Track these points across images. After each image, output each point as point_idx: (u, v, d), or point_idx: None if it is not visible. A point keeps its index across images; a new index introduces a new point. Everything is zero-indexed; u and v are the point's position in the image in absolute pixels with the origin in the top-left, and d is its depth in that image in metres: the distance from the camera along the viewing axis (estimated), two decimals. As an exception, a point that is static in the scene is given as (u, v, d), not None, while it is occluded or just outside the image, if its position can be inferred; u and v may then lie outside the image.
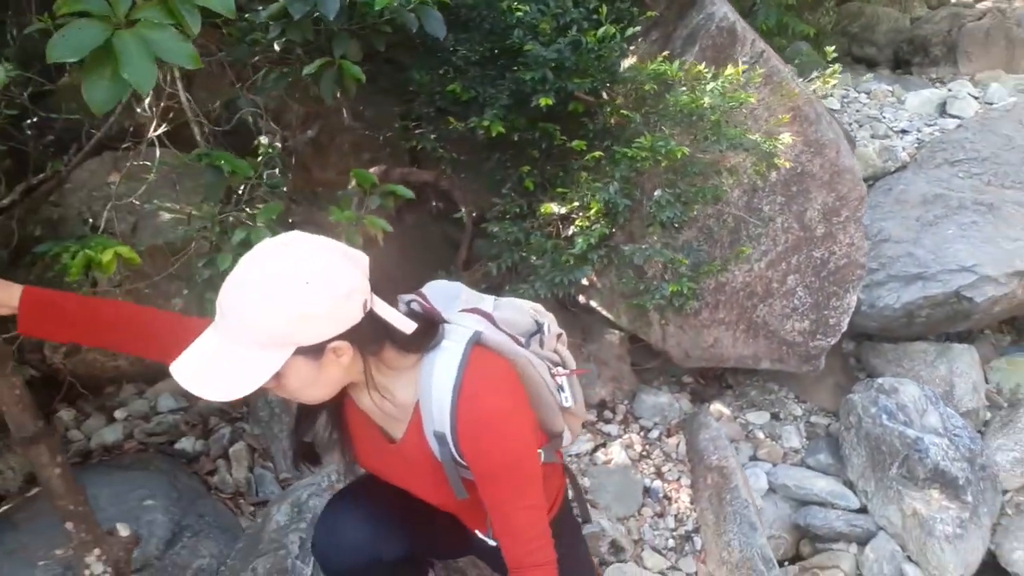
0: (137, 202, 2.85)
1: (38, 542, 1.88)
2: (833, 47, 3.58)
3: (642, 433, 3.30)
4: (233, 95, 3.23)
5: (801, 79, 5.43)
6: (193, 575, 1.88)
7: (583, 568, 1.64)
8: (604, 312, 3.37)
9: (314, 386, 1.14)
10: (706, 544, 2.86)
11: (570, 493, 1.64)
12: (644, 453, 3.20)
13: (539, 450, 1.32)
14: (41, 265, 2.68)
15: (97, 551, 1.49)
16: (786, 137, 2.50)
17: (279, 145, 2.63)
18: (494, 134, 2.53)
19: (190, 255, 2.39)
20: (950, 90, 5.04)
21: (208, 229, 2.10)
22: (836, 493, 3.14)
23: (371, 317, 1.12)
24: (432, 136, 2.72)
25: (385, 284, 1.19)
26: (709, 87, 2.26)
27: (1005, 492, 3.10)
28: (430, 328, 1.24)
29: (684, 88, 2.34)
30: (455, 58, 2.76)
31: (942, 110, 4.74)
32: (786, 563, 3.02)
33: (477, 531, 1.48)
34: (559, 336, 1.52)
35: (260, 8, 2.14)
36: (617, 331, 3.53)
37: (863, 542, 3.01)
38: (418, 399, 1.23)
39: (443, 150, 2.73)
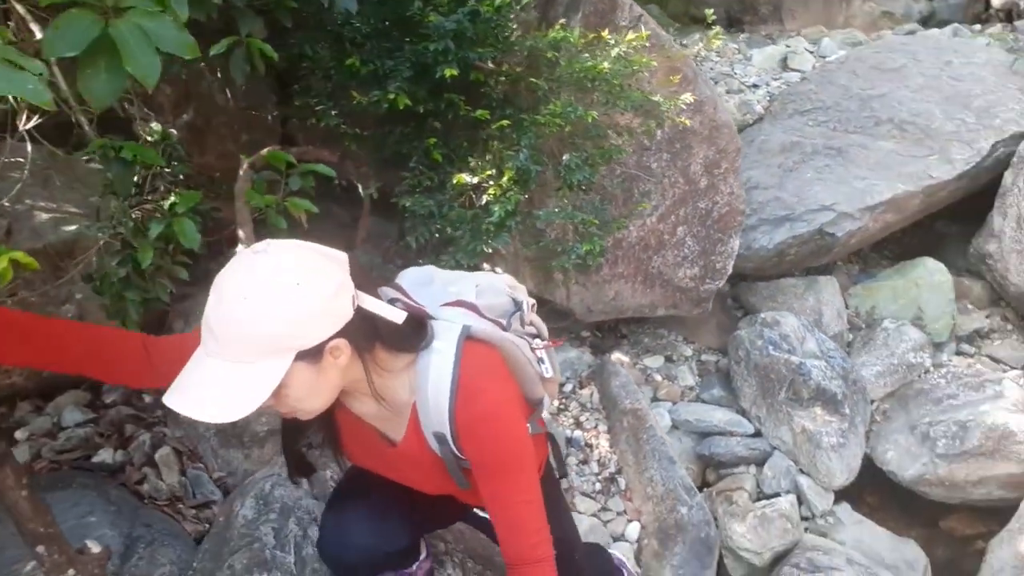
0: (8, 203, 2.61)
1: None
2: (712, 13, 3.80)
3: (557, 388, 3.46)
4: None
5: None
6: (157, 584, 1.81)
7: (568, 524, 1.71)
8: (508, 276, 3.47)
9: (315, 394, 1.13)
10: (630, 483, 3.06)
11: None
12: (562, 406, 3.35)
13: (527, 423, 1.34)
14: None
15: (71, 571, 1.41)
16: (687, 96, 2.67)
17: (173, 132, 2.49)
18: (401, 107, 2.52)
19: (90, 256, 2.23)
20: (788, 46, 5.49)
21: (122, 225, 1.97)
22: (733, 422, 3.44)
23: (360, 313, 1.12)
24: (333, 112, 2.66)
25: None
26: (614, 52, 2.37)
27: (873, 402, 3.52)
28: (419, 327, 1.23)
29: (586, 55, 2.43)
30: (346, 31, 2.71)
31: (784, 65, 5.17)
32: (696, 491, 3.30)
33: (476, 509, 1.52)
34: (532, 306, 1.54)
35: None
36: (521, 294, 3.64)
37: (761, 463, 3.33)
38: (415, 400, 1.24)
39: (345, 127, 2.68)
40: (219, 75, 3.06)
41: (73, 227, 2.67)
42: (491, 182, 2.60)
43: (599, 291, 3.43)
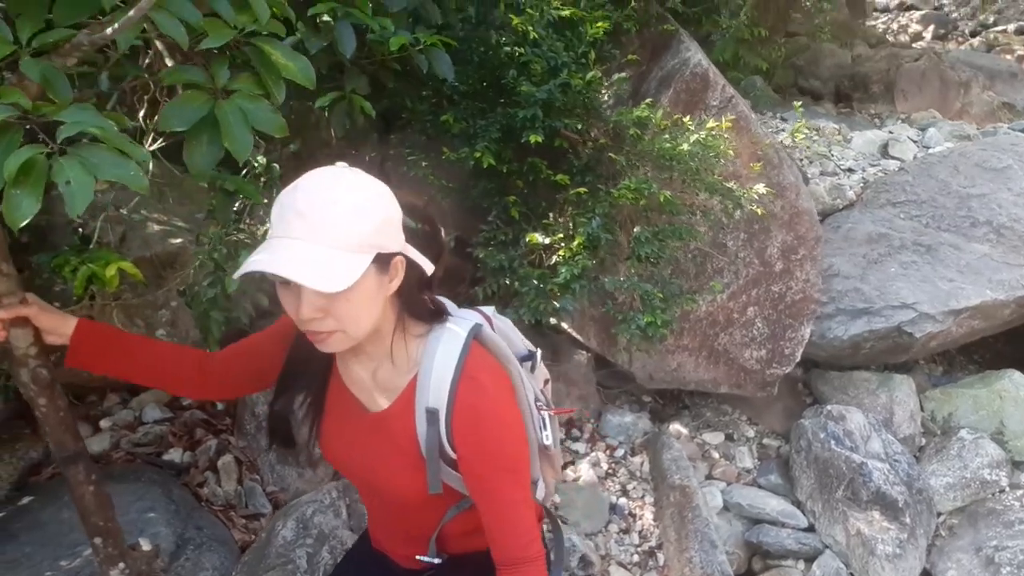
0: (125, 212, 2.88)
1: (41, 553, 1.92)
2: (799, 104, 3.82)
3: (608, 451, 3.47)
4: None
5: (756, 114, 5.75)
6: (197, 587, 1.95)
7: None
8: (574, 334, 3.53)
9: (366, 311, 1.11)
10: (668, 560, 3.03)
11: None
12: (610, 471, 3.36)
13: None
14: (28, 273, 2.68)
15: (121, 565, 1.56)
16: (760, 187, 2.70)
17: (276, 168, 2.70)
18: (485, 165, 2.66)
19: (188, 272, 2.45)
20: (891, 132, 5.38)
21: (216, 250, 2.16)
22: (786, 512, 3.35)
23: (404, 256, 1.14)
24: (423, 164, 2.83)
25: None
26: (692, 138, 2.44)
27: (939, 515, 3.36)
28: (437, 307, 1.24)
29: (667, 136, 2.51)
30: (446, 88, 2.88)
31: (884, 151, 5.07)
32: (739, 578, 3.23)
33: (419, 556, 1.38)
34: (546, 381, 1.51)
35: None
36: (585, 352, 3.70)
37: (810, 559, 3.23)
38: (416, 373, 1.20)
39: (433, 177, 2.84)
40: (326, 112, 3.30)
41: (178, 240, 2.92)
42: (562, 245, 2.69)
43: (662, 360, 3.44)
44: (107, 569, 1.55)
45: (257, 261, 1.04)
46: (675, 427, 3.76)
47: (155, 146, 2.72)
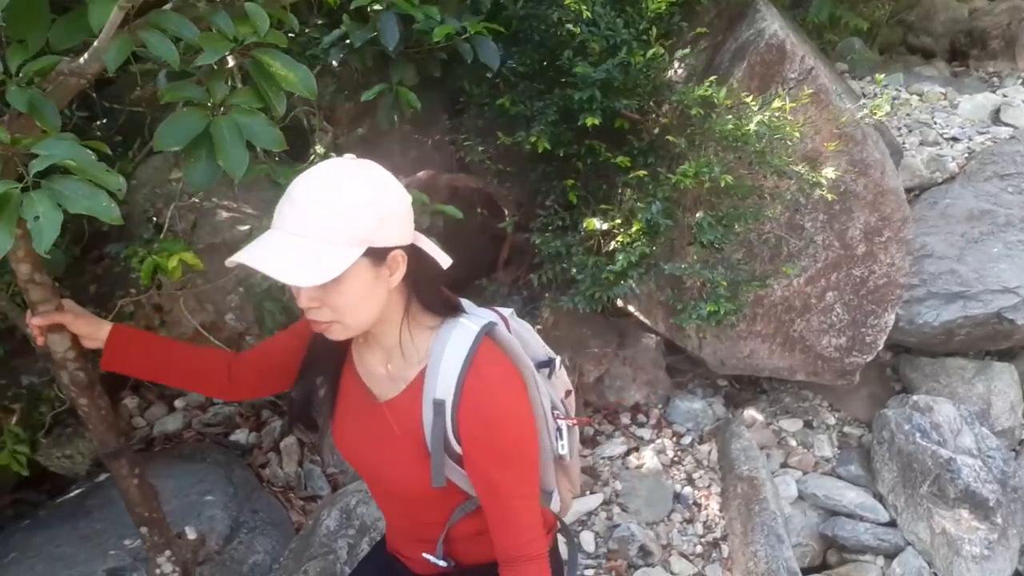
0: (197, 200, 2.99)
1: (110, 530, 2.05)
2: (881, 77, 3.52)
3: (675, 438, 3.38)
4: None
5: (853, 79, 5.37)
6: (249, 570, 2.03)
7: None
8: (642, 317, 3.44)
9: (362, 303, 1.12)
10: (733, 552, 2.94)
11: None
12: (676, 459, 3.28)
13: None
14: (108, 261, 2.84)
15: (168, 552, 1.63)
16: (828, 171, 2.51)
17: (332, 156, 2.73)
18: (540, 150, 2.59)
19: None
20: (1005, 95, 4.92)
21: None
22: (866, 505, 3.19)
23: (415, 247, 1.16)
24: (479, 148, 2.79)
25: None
26: (755, 119, 2.29)
27: (1037, 515, 3.11)
28: (451, 301, 1.25)
29: (730, 116, 2.37)
30: (504, 70, 2.82)
31: (996, 117, 4.64)
32: (812, 572, 3.10)
33: (426, 554, 1.37)
34: (568, 393, 1.49)
35: (318, 31, 2.22)
36: (654, 335, 3.60)
37: (890, 556, 3.07)
38: (426, 364, 1.20)
39: (490, 162, 2.80)
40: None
41: (247, 227, 3.01)
42: (621, 230, 2.61)
43: (733, 346, 3.31)
44: (154, 556, 1.63)
45: (242, 253, 1.07)
46: (750, 413, 3.63)
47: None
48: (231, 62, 1.08)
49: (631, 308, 3.45)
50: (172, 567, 1.65)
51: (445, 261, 1.19)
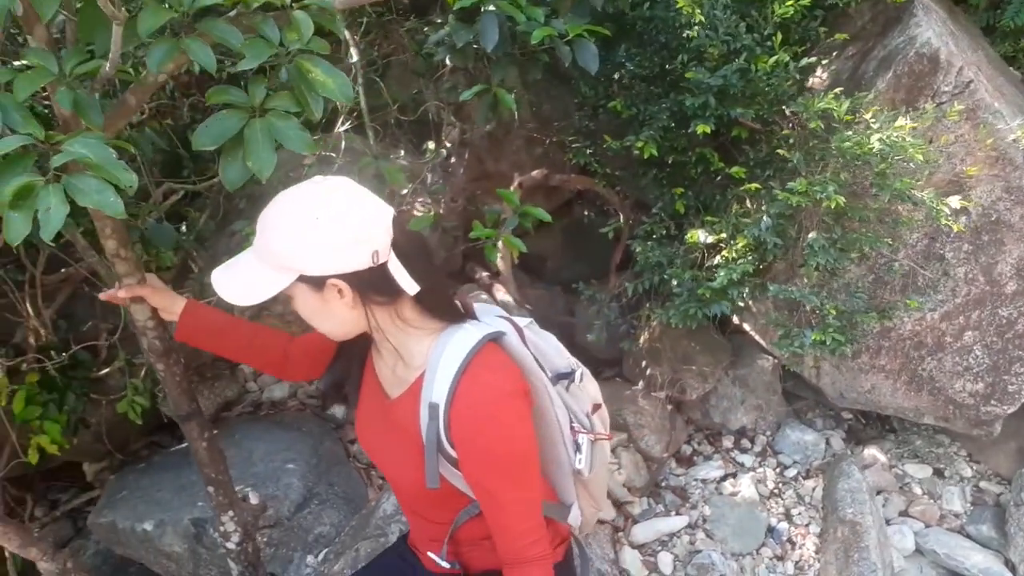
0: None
1: (203, 483, 2.24)
2: None
3: (778, 469, 3.19)
4: (419, 88, 3.47)
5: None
6: (314, 540, 2.16)
7: None
8: (757, 337, 3.26)
9: (322, 317, 1.19)
10: (823, 599, 2.74)
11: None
12: (776, 491, 3.09)
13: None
14: (239, 237, 3.09)
15: (231, 513, 1.77)
16: (955, 201, 2.25)
17: (443, 151, 2.80)
18: (646, 156, 2.52)
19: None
20: None
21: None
22: (992, 572, 2.86)
23: (380, 270, 1.15)
24: (588, 151, 2.75)
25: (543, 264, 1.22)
26: (875, 137, 2.08)
27: None
28: (456, 305, 1.26)
29: (851, 132, 2.17)
30: (623, 72, 2.76)
31: None
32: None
33: (431, 553, 1.39)
34: (597, 407, 1.47)
35: (434, 30, 2.28)
36: (770, 357, 3.41)
37: (1011, 631, 2.74)
38: (425, 368, 1.21)
39: (598, 165, 2.76)
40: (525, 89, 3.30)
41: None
42: (727, 244, 2.49)
43: (854, 379, 3.06)
44: (219, 514, 1.77)
45: (216, 270, 1.21)
46: (872, 452, 3.35)
47: (346, 126, 2.97)
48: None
49: (746, 326, 3.28)
50: (235, 526, 1.79)
51: (411, 288, 1.17)
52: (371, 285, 1.16)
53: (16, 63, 1.01)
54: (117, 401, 2.56)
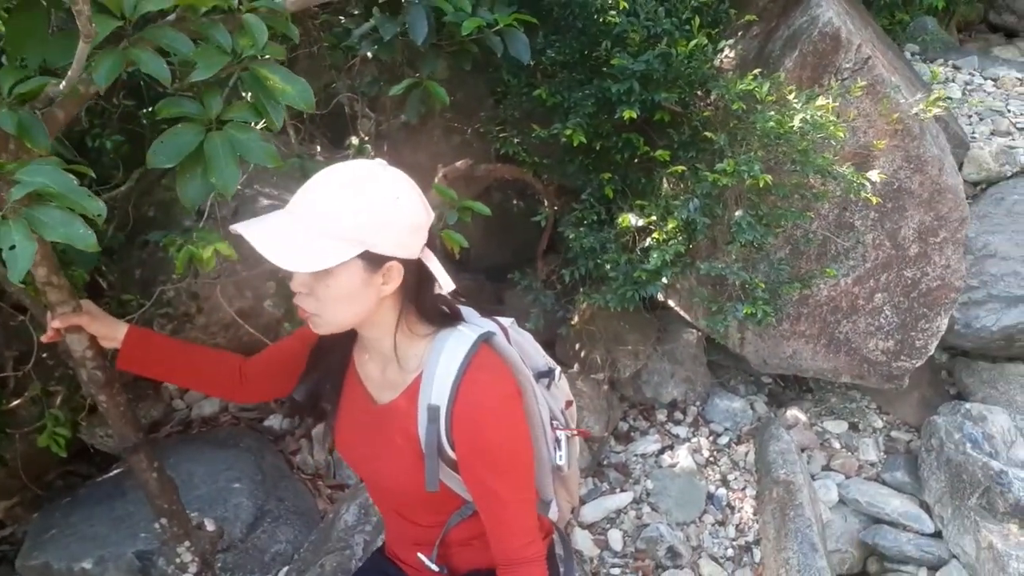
0: (239, 187, 3.04)
1: (141, 513, 2.11)
2: (937, 71, 3.31)
3: (711, 438, 3.32)
4: (331, 80, 3.35)
5: (924, 62, 5.10)
6: (270, 559, 2.08)
7: None
8: (682, 312, 3.37)
9: (349, 302, 1.12)
10: (765, 558, 2.88)
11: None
12: (711, 459, 3.21)
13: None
14: (152, 247, 2.91)
15: (187, 543, 1.68)
16: (873, 174, 2.39)
17: (367, 146, 2.73)
18: (575, 143, 2.54)
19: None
20: (1089, 83, 4.61)
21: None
22: (910, 515, 3.08)
23: (420, 263, 1.17)
24: (516, 140, 2.75)
25: (465, 253, 1.19)
26: (798, 117, 2.18)
27: (1094, 534, 2.95)
28: (451, 312, 1.25)
29: (772, 112, 2.26)
30: (544, 59, 2.76)
31: (1079, 106, 4.35)
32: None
33: (420, 555, 1.37)
34: (569, 404, 1.49)
35: (353, 23, 2.21)
36: (695, 331, 3.52)
37: (933, 568, 2.96)
38: (422, 371, 1.21)
39: (526, 154, 2.75)
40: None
41: (286, 215, 3.04)
42: (658, 226, 2.54)
43: (776, 345, 3.21)
44: (174, 546, 1.68)
45: (244, 225, 1.08)
46: (793, 413, 3.53)
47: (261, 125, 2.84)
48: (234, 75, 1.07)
49: (671, 303, 3.38)
50: (192, 556, 1.70)
51: (448, 285, 1.19)
52: (414, 275, 1.16)
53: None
54: (31, 433, 2.38)
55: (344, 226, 1.07)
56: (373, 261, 1.10)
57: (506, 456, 1.18)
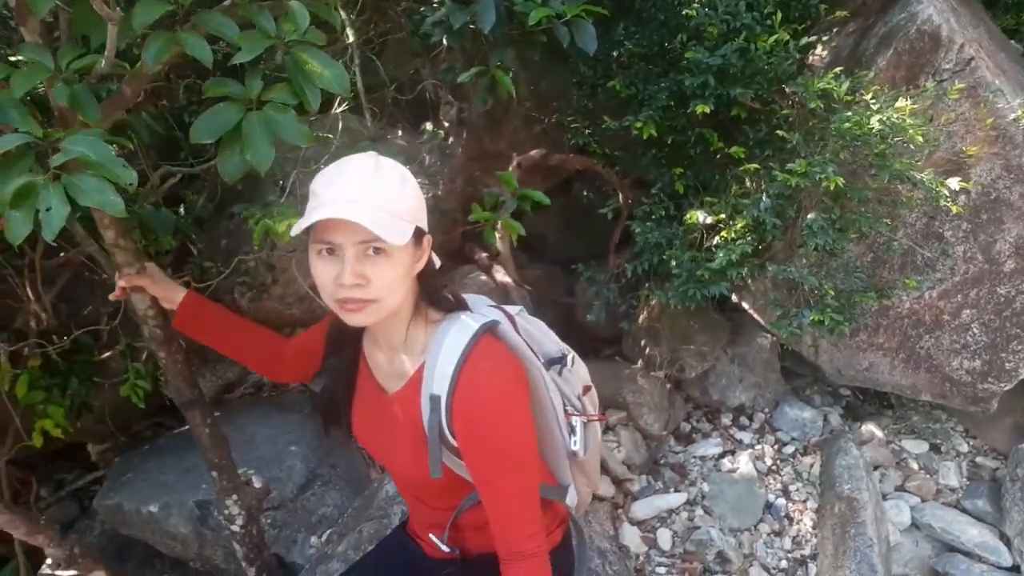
0: (322, 166, 3.17)
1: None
2: None
3: (776, 446, 3.22)
4: (416, 67, 3.44)
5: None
6: (317, 520, 2.18)
7: None
8: (756, 316, 3.27)
9: (402, 281, 1.16)
10: (820, 573, 2.78)
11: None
12: (774, 467, 3.12)
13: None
14: (238, 219, 3.08)
15: (235, 496, 1.79)
16: (954, 182, 2.24)
17: (440, 132, 2.79)
18: (645, 136, 2.51)
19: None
20: None
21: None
22: (987, 546, 2.90)
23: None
24: (587, 131, 2.74)
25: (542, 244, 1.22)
26: (875, 118, 2.07)
27: None
28: (454, 300, 1.27)
29: (850, 113, 2.16)
30: (621, 50, 2.74)
31: None
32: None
33: (432, 535, 1.41)
34: (587, 389, 1.48)
35: (430, 11, 2.26)
36: (768, 336, 3.42)
37: (1006, 603, 2.79)
38: (424, 360, 1.22)
39: (597, 145, 2.74)
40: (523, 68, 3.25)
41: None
42: (727, 225, 2.49)
43: (852, 356, 3.08)
44: (223, 498, 1.79)
45: (326, 212, 1.07)
46: (869, 428, 3.38)
47: (343, 108, 2.95)
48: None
49: (745, 305, 3.29)
50: (239, 510, 1.81)
51: (436, 261, 1.26)
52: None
53: (11, 58, 1.01)
54: (119, 384, 2.58)
55: (401, 206, 1.12)
56: (418, 236, 1.17)
57: (507, 446, 1.18)
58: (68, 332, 2.46)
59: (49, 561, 2.90)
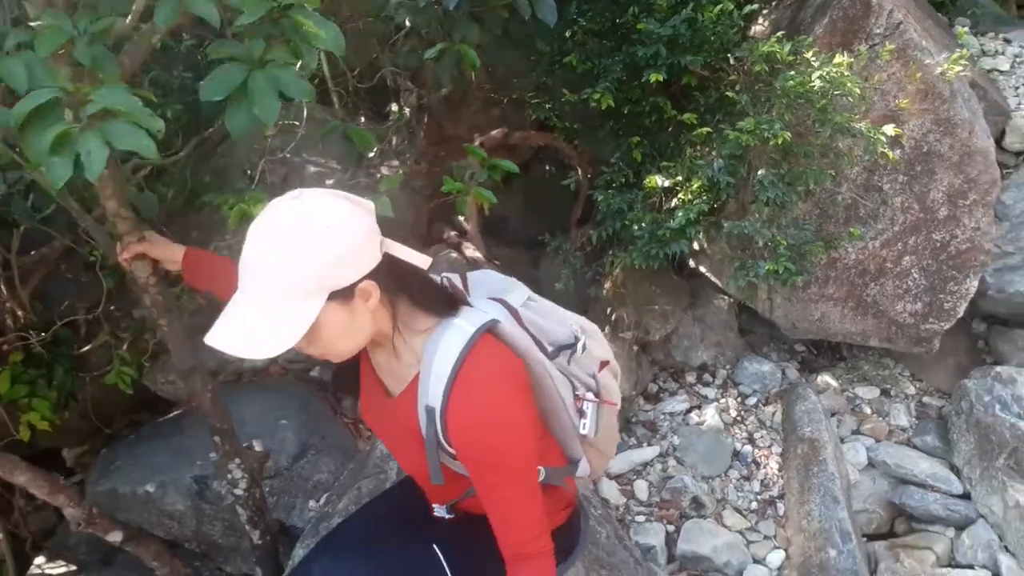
0: (288, 155, 3.22)
1: (199, 446, 2.32)
2: (963, 30, 3.30)
3: (739, 399, 3.40)
4: (375, 55, 3.51)
5: (976, 35, 5.00)
6: (313, 486, 2.26)
7: None
8: (712, 278, 3.44)
9: (347, 335, 1.14)
10: (788, 511, 2.96)
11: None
12: (738, 418, 3.30)
13: (541, 467, 1.31)
14: (208, 209, 3.12)
15: (237, 460, 1.86)
16: (889, 129, 2.43)
17: (407, 112, 2.88)
18: (603, 107, 2.64)
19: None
20: None
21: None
22: (939, 476, 3.12)
23: (388, 257, 1.15)
24: (547, 106, 2.86)
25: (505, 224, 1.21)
26: (815, 75, 2.24)
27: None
28: (448, 297, 1.24)
29: (793, 72, 2.33)
30: (576, 28, 2.87)
31: None
32: (879, 539, 3.06)
33: (435, 505, 1.41)
34: (606, 364, 1.47)
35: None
36: (726, 297, 3.60)
37: (961, 527, 3.01)
38: (419, 370, 1.20)
39: (557, 119, 2.87)
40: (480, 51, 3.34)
41: (331, 180, 3.22)
42: (683, 187, 2.63)
43: (804, 309, 3.27)
44: (225, 462, 1.86)
45: (212, 331, 1.09)
46: (824, 379, 3.58)
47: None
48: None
49: (703, 268, 3.46)
50: (241, 473, 1.88)
51: (423, 262, 1.18)
52: (388, 275, 1.15)
53: (30, 23, 1.08)
54: (101, 377, 2.60)
55: (300, 286, 1.05)
56: (344, 294, 1.09)
57: (503, 455, 1.17)
58: (46, 328, 2.48)
59: (38, 561, 2.91)
